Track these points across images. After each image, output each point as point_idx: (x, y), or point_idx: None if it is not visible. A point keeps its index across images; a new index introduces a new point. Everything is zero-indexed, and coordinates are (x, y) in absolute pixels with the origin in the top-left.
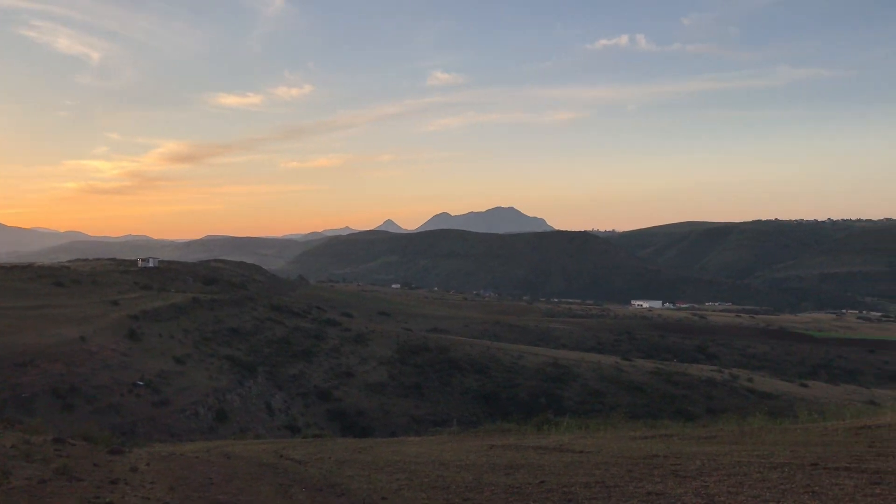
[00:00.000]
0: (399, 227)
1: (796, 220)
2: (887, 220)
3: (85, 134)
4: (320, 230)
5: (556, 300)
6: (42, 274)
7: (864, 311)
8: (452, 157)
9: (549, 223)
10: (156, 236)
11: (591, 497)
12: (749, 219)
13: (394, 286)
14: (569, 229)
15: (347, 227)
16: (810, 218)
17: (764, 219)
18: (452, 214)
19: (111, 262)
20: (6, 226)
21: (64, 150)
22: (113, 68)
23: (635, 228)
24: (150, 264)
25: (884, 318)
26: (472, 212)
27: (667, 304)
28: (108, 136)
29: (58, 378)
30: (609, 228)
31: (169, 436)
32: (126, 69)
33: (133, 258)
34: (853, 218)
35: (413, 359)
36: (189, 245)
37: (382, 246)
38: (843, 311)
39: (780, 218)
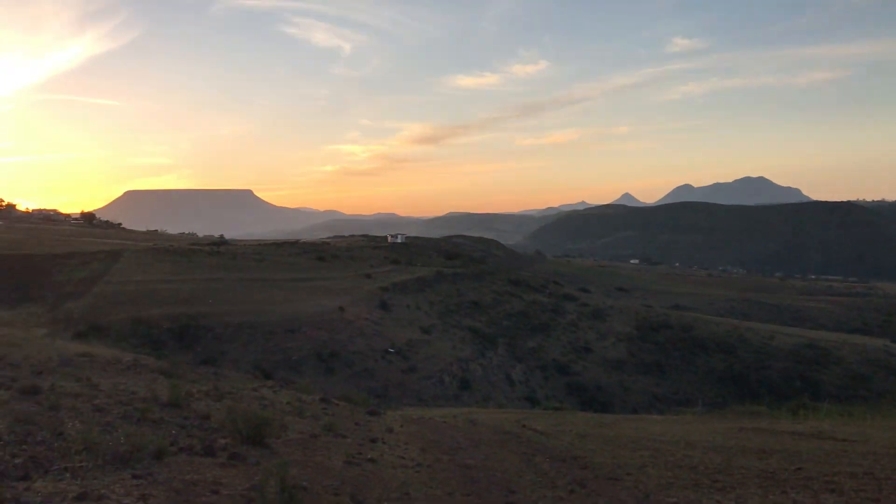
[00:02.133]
0: (637, 201)
1: None
2: None
3: (340, 121)
4: (556, 205)
5: (812, 277)
6: (306, 249)
7: None
8: (695, 126)
9: (804, 193)
10: (402, 214)
11: (857, 488)
12: None
13: (632, 262)
14: (828, 199)
15: (583, 202)
16: None
17: None
18: (695, 186)
19: (364, 238)
20: (275, 206)
21: (322, 137)
22: (362, 58)
23: None
24: (399, 240)
25: None
26: (717, 183)
27: None
28: (359, 121)
29: (321, 344)
30: (877, 198)
31: (417, 400)
32: (374, 58)
33: (383, 234)
34: None
35: (653, 336)
36: (432, 221)
37: (619, 220)
38: None
39: None
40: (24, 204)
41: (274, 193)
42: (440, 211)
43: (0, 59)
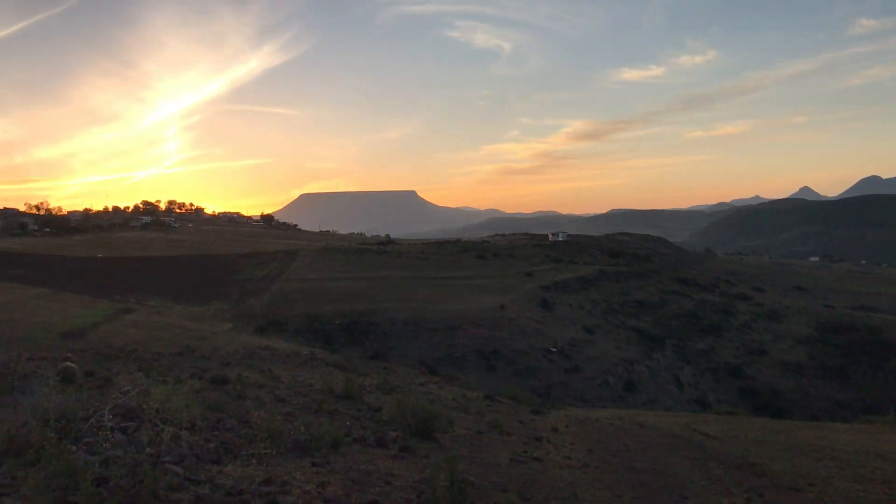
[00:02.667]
0: (816, 195)
1: None
2: None
3: (500, 120)
4: (727, 200)
5: None
6: (467, 248)
7: None
8: (881, 113)
9: None
10: (563, 211)
11: None
12: None
13: (811, 259)
14: None
15: (757, 196)
16: None
17: None
18: (884, 177)
19: (525, 236)
20: (438, 206)
21: (483, 137)
22: (522, 56)
23: None
24: (560, 238)
25: None
26: None
27: None
28: (519, 120)
29: (482, 341)
30: None
31: (580, 401)
32: (533, 56)
33: (544, 233)
34: None
35: (836, 339)
36: (594, 219)
37: (797, 215)
38: None
39: None
40: (211, 208)
41: (436, 194)
42: (603, 208)
43: (189, 74)
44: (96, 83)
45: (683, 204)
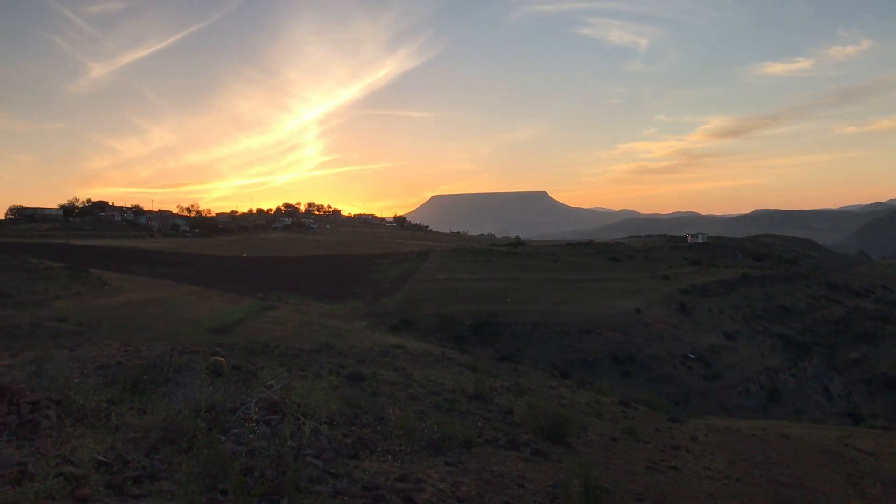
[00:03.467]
0: None
1: None
2: None
3: (635, 118)
4: (884, 199)
5: None
6: (600, 250)
7: None
8: None
9: None
10: (703, 212)
11: None
12: None
13: None
14: None
15: None
16: None
17: None
18: None
19: (661, 238)
20: (569, 206)
21: (617, 136)
22: (658, 53)
23: None
24: (699, 240)
25: None
26: None
27: None
28: (656, 118)
29: (616, 345)
30: None
31: (720, 410)
32: (671, 52)
33: (682, 234)
34: None
35: None
36: (737, 220)
37: None
38: None
39: None
40: (347, 209)
41: (568, 194)
42: (745, 208)
43: (327, 81)
44: (241, 91)
45: (833, 204)
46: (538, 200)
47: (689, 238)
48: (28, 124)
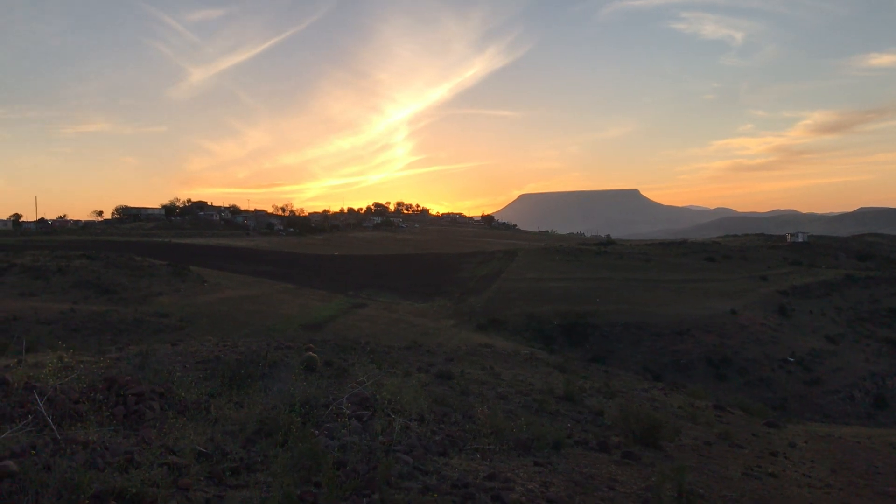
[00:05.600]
0: None
1: None
2: None
3: (730, 114)
4: None
5: None
6: (694, 249)
7: None
8: None
9: None
10: (803, 210)
11: None
12: None
13: None
14: None
15: None
16: None
17: None
18: None
19: (759, 237)
20: (662, 205)
21: (711, 132)
22: (755, 46)
23: None
24: (800, 239)
25: None
26: None
27: None
28: (752, 113)
29: (711, 348)
30: None
31: (821, 416)
32: (768, 45)
33: (780, 233)
34: None
35: None
36: (840, 218)
37: None
38: None
39: None
40: (435, 208)
41: (660, 192)
42: (849, 206)
43: (416, 82)
44: (334, 93)
45: None
46: (630, 198)
47: (789, 237)
48: (133, 128)
